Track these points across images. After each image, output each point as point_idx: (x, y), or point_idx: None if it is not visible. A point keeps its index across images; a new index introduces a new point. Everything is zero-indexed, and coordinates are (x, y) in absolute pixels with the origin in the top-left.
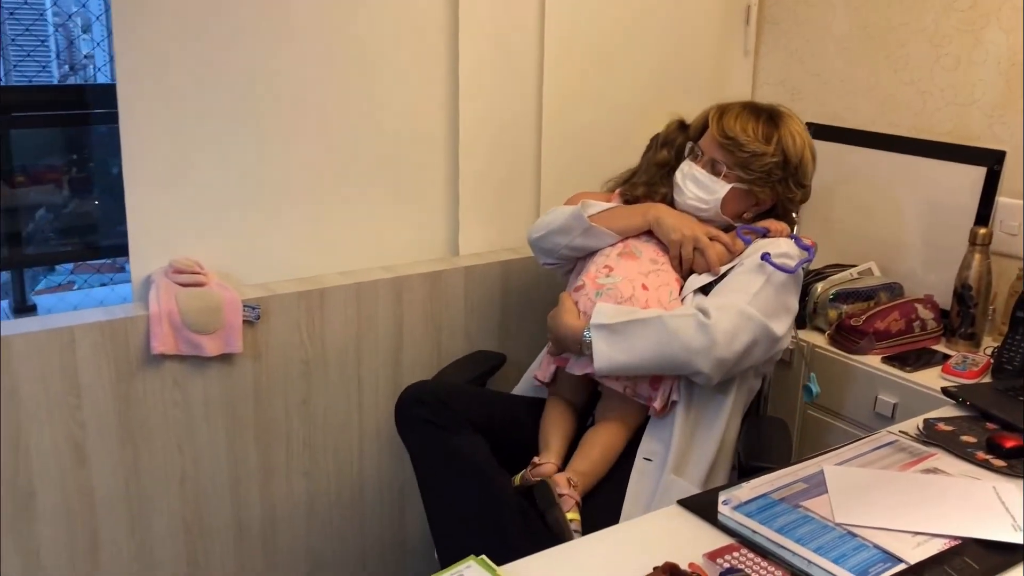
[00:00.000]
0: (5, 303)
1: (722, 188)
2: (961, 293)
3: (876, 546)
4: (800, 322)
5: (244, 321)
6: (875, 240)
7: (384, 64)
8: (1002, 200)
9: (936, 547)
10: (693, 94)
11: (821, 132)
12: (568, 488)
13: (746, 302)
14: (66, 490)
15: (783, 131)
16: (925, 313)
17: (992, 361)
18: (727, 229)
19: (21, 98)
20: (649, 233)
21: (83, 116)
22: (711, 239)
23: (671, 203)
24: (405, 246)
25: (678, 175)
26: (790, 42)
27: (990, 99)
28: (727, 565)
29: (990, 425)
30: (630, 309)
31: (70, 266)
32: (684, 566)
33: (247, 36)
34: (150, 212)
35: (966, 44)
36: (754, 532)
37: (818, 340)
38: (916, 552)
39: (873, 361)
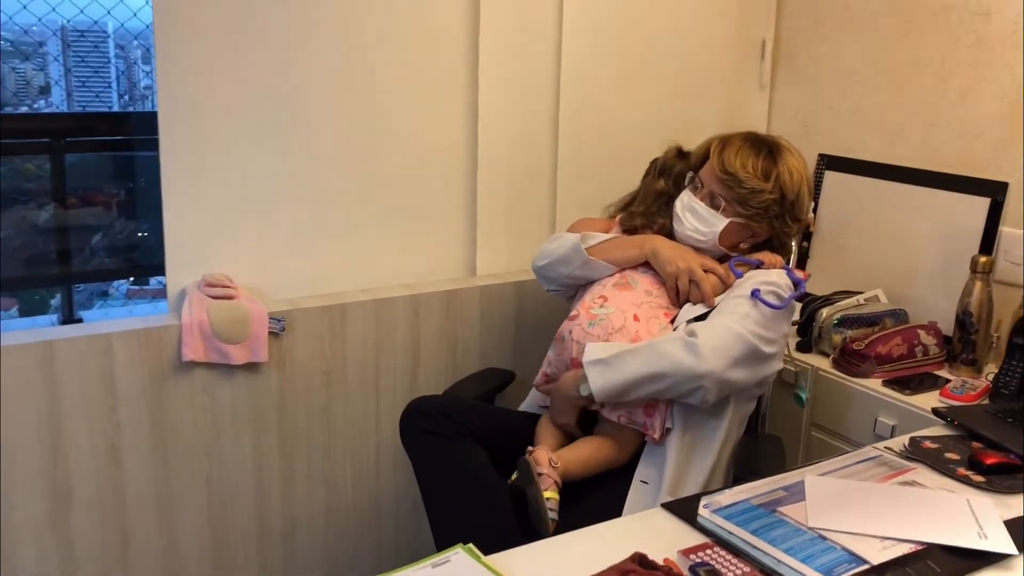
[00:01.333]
0: (55, 317)
1: (720, 222)
2: (963, 320)
3: (844, 548)
4: (806, 346)
5: (270, 333)
6: (883, 268)
7: (405, 93)
8: (1005, 230)
9: (902, 551)
10: (708, 124)
11: (833, 163)
12: (548, 468)
13: (734, 322)
14: (101, 488)
15: (781, 167)
16: (928, 339)
17: (991, 386)
18: (723, 259)
19: (75, 125)
20: (647, 264)
21: (129, 142)
22: (706, 271)
23: (669, 232)
24: (425, 266)
25: (678, 205)
26: (804, 76)
27: (994, 132)
28: (698, 560)
29: (976, 444)
30: (620, 344)
31: (123, 291)
32: (659, 560)
33: (278, 70)
34: (185, 230)
35: (971, 79)
36: (730, 533)
37: (823, 363)
38: (881, 555)
39: (874, 384)
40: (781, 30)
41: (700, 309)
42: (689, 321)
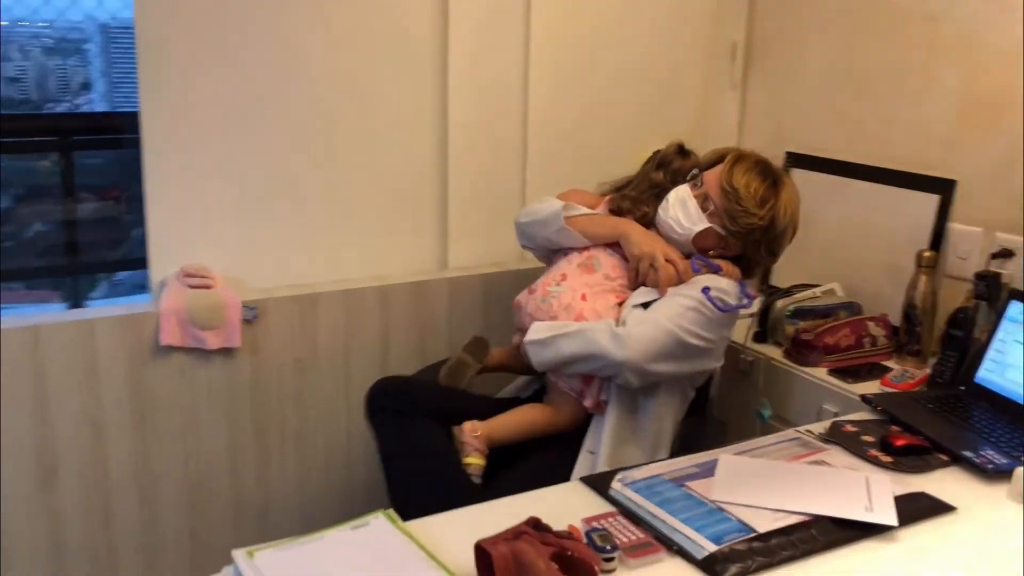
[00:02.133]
0: (64, 306)
1: (702, 224)
2: (908, 312)
3: (738, 519)
4: (760, 336)
5: (243, 320)
6: (841, 262)
7: (378, 92)
8: (954, 226)
9: (791, 522)
10: (680, 122)
11: (799, 161)
12: (469, 436)
13: (666, 317)
14: (84, 462)
15: (779, 201)
16: (876, 330)
17: (929, 375)
18: (687, 256)
19: (82, 124)
20: (617, 246)
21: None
22: (669, 260)
23: (651, 223)
24: (398, 260)
25: (673, 194)
26: (773, 77)
27: (944, 132)
28: (597, 526)
29: (894, 428)
30: (561, 324)
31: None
32: (564, 526)
33: (257, 69)
34: (167, 224)
35: (923, 81)
36: (635, 504)
37: (775, 353)
38: (771, 525)
39: (820, 373)
40: (752, 32)
41: (651, 295)
42: (635, 305)
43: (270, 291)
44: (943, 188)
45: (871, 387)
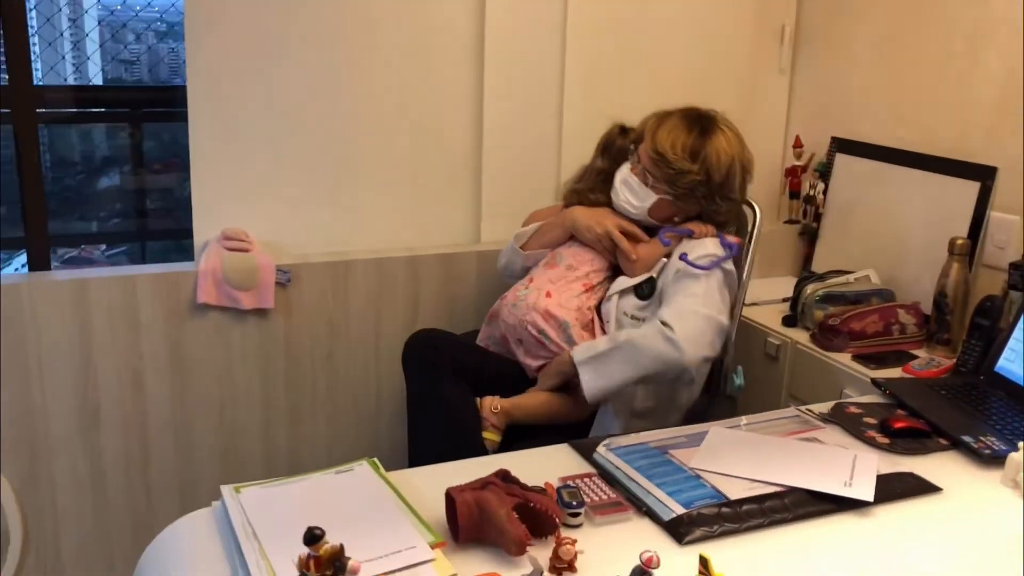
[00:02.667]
0: None
1: (650, 198)
2: (939, 301)
3: (712, 486)
4: (791, 320)
5: (276, 283)
6: (878, 249)
7: (415, 68)
8: (994, 214)
9: (765, 491)
10: (725, 107)
11: (843, 146)
12: (488, 412)
13: (699, 304)
14: (125, 410)
15: (710, 149)
16: (907, 318)
17: (954, 364)
18: (655, 229)
19: (154, 96)
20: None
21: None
22: (625, 232)
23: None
24: (431, 234)
25: (617, 177)
26: (821, 60)
27: (987, 118)
28: (569, 484)
29: (900, 412)
30: (599, 343)
31: None
32: (541, 484)
33: (298, 45)
34: (211, 191)
35: (967, 65)
36: (614, 466)
37: (802, 338)
38: (744, 493)
39: (844, 359)
40: (801, 15)
41: (631, 280)
42: (624, 291)
43: (305, 256)
44: (984, 175)
45: (894, 374)
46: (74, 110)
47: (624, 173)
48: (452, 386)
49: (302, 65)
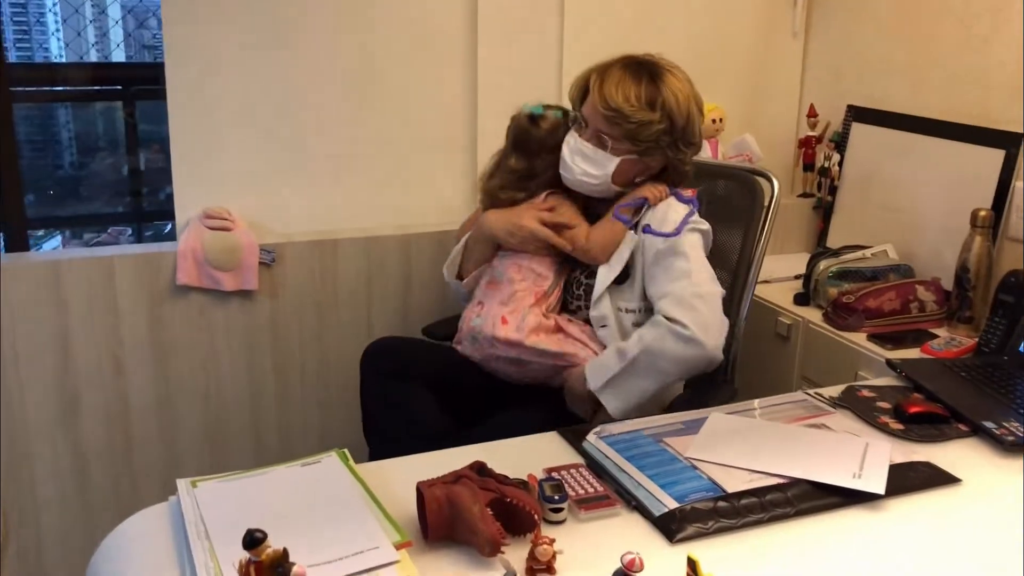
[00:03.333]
0: None
1: (611, 162)
2: (960, 276)
3: (709, 478)
4: (803, 299)
5: (260, 263)
6: (896, 222)
7: (407, 41)
8: (1018, 184)
9: (765, 483)
10: (737, 72)
11: (861, 115)
12: None
13: (695, 284)
14: (107, 395)
15: (666, 93)
16: (925, 295)
17: (976, 343)
18: (616, 199)
19: (145, 73)
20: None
21: None
22: (546, 223)
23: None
24: (423, 212)
25: (565, 150)
26: (836, 23)
27: (1012, 81)
28: (553, 476)
29: (916, 395)
30: (608, 360)
31: None
32: (525, 476)
33: (280, 17)
34: (192, 169)
35: (992, 25)
36: (604, 456)
37: (815, 316)
38: (743, 485)
39: (859, 338)
40: None
41: (615, 271)
42: (610, 286)
43: (290, 236)
44: (1008, 142)
45: (911, 354)
46: (57, 88)
47: (573, 142)
48: (414, 394)
49: (286, 39)
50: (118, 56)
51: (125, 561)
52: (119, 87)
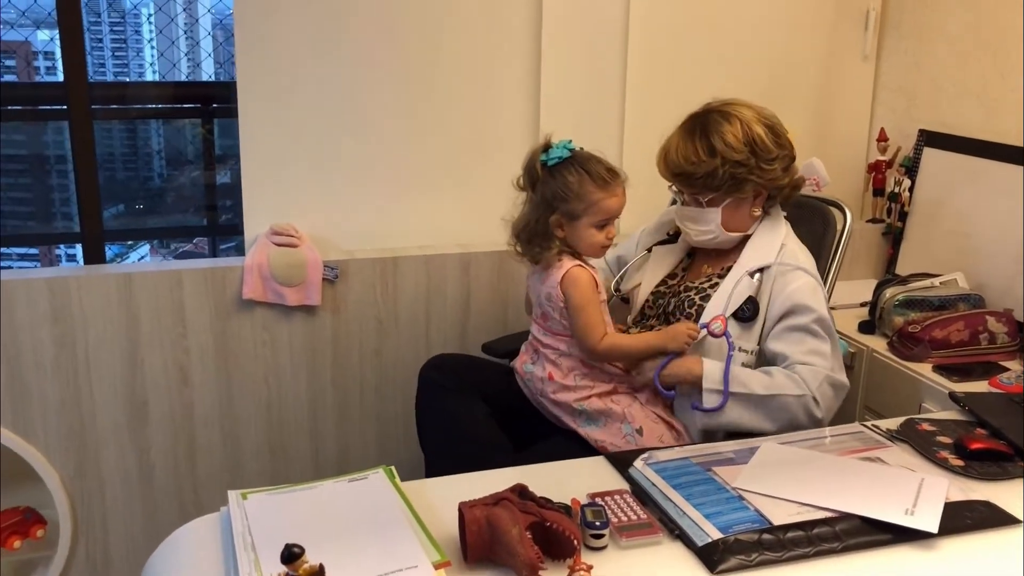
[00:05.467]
0: None
1: (714, 215)
2: None
3: (756, 509)
4: (868, 327)
5: (324, 279)
6: (969, 250)
7: (472, 68)
8: None
9: (814, 516)
10: (805, 97)
11: (933, 140)
12: None
13: (833, 370)
14: (172, 404)
15: (716, 141)
16: (997, 326)
17: None
18: (742, 244)
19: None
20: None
21: None
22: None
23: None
24: (484, 232)
25: (677, 218)
26: (909, 47)
27: None
28: (596, 502)
29: (979, 431)
30: (756, 382)
31: None
32: (568, 500)
33: (349, 42)
34: (261, 186)
35: None
36: (650, 483)
37: (879, 346)
38: (790, 518)
39: (924, 369)
40: None
41: (719, 307)
42: (729, 319)
43: (353, 253)
44: None
45: (978, 387)
46: (136, 106)
47: (679, 213)
48: (469, 406)
49: (354, 61)
50: (208, 67)
51: (175, 570)
52: (198, 105)
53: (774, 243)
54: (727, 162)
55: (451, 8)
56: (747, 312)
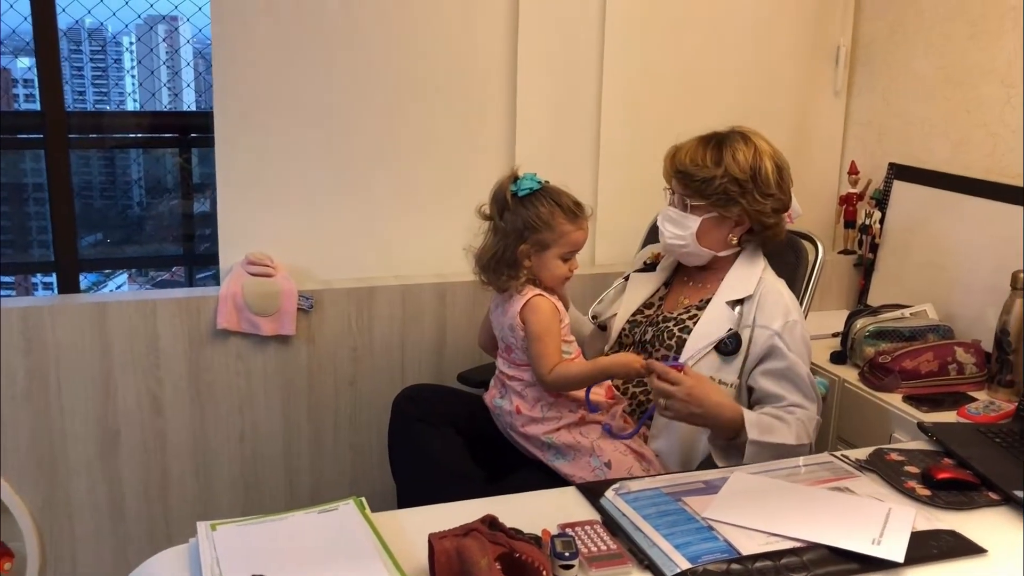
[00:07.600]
0: None
1: (693, 222)
2: (1000, 338)
3: (725, 539)
4: (840, 357)
5: (299, 309)
6: (938, 282)
7: (445, 94)
8: None
9: (782, 546)
10: (778, 130)
11: (902, 173)
12: None
13: (814, 415)
14: (144, 433)
15: (726, 154)
16: (965, 357)
17: (1016, 408)
18: (711, 265)
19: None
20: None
21: None
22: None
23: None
24: (459, 260)
25: (659, 218)
26: (879, 83)
27: None
28: (566, 532)
29: (946, 460)
30: (779, 430)
31: None
32: (539, 531)
33: (324, 71)
34: (236, 216)
35: None
36: (621, 514)
37: (851, 376)
38: (759, 548)
39: (895, 400)
40: (858, 35)
41: (713, 340)
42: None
43: (329, 282)
44: None
45: (948, 418)
46: (114, 135)
47: (664, 210)
48: (442, 438)
49: (330, 91)
50: (188, 96)
51: None
52: (176, 134)
53: (752, 276)
54: (727, 176)
55: (429, 41)
56: (730, 346)
